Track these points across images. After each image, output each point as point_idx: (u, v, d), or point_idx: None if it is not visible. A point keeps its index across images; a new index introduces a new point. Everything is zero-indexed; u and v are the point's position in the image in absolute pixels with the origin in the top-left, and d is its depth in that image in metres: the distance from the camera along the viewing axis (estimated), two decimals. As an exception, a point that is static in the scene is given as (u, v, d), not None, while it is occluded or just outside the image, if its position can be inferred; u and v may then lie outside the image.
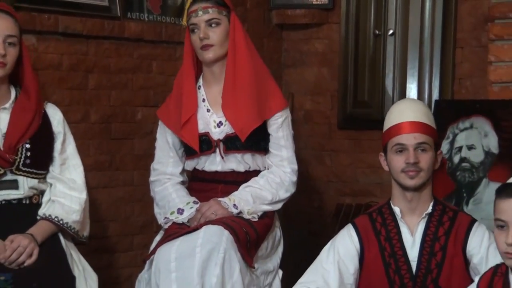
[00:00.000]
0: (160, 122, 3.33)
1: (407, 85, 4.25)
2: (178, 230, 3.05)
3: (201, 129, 3.20)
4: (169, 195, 3.23)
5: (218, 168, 3.21)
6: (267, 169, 3.24)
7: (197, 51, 3.19)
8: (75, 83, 3.66)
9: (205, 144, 3.19)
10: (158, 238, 3.18)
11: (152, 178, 3.32)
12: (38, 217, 2.93)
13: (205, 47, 3.15)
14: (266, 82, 3.25)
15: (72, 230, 2.96)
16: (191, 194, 3.24)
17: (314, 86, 4.55)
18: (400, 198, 2.78)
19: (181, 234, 2.99)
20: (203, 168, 3.23)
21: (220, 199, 3.13)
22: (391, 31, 4.27)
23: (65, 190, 2.98)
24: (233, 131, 3.17)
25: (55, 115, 3.03)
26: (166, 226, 3.16)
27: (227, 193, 3.16)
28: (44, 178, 2.98)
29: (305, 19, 4.51)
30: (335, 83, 4.48)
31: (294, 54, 4.61)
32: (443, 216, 2.76)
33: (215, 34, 3.16)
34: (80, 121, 3.64)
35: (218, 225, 2.97)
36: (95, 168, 3.68)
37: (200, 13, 3.15)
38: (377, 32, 4.30)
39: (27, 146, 2.90)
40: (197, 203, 3.16)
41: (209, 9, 3.16)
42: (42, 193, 2.99)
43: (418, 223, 2.76)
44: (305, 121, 4.56)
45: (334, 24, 4.47)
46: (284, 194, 3.22)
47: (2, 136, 2.89)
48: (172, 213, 3.16)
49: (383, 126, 2.82)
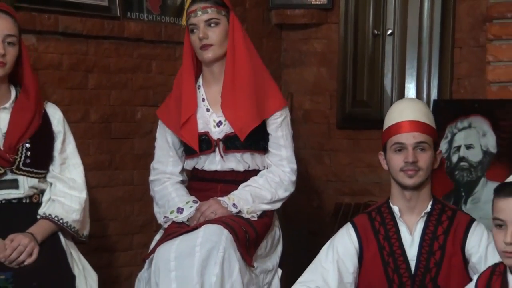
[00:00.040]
0: (160, 121, 3.32)
1: (406, 84, 4.25)
2: (177, 229, 3.05)
3: (200, 128, 3.20)
4: (169, 194, 3.23)
5: (218, 167, 3.21)
6: (267, 168, 3.24)
7: (196, 51, 3.19)
8: (75, 82, 3.66)
9: (204, 144, 3.19)
10: (157, 237, 3.19)
11: (151, 178, 3.32)
12: (38, 216, 2.93)
13: (205, 47, 3.15)
14: (265, 82, 3.25)
15: (72, 229, 2.96)
16: (191, 194, 3.24)
17: (313, 86, 4.55)
18: (399, 197, 2.78)
19: (180, 233, 2.99)
20: (203, 168, 3.23)
21: (219, 198, 3.13)
22: (389, 31, 4.27)
23: (65, 190, 2.98)
24: (233, 130, 3.17)
25: (55, 115, 3.03)
26: (166, 225, 3.16)
27: (226, 193, 3.16)
28: (44, 177, 2.98)
29: (304, 19, 4.51)
30: (334, 83, 4.47)
31: (293, 54, 4.60)
32: (442, 215, 2.76)
33: (214, 34, 3.16)
34: (80, 121, 3.63)
35: (218, 224, 2.97)
36: (95, 167, 3.68)
37: (199, 13, 3.15)
38: (376, 32, 4.30)
39: (27, 145, 2.90)
40: (197, 202, 3.16)
41: (208, 9, 3.16)
42: (42, 192, 2.98)
43: (417, 222, 2.76)
44: (304, 120, 4.55)
45: (333, 24, 4.47)
46: (283, 193, 3.22)
47: (2, 135, 2.89)
48: (171, 212, 3.16)
49: (383, 125, 2.82)
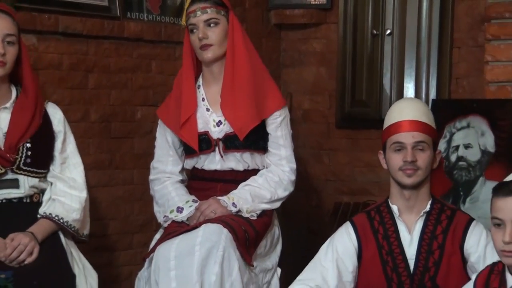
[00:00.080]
0: (160, 121, 3.32)
1: (405, 84, 4.25)
2: (177, 229, 3.05)
3: (200, 128, 3.20)
4: (169, 193, 3.23)
5: (217, 167, 3.21)
6: (266, 168, 3.24)
7: (196, 51, 3.20)
8: (75, 82, 3.66)
9: (204, 143, 3.19)
10: (157, 236, 3.19)
11: (151, 177, 3.32)
12: (38, 216, 2.93)
13: (204, 47, 3.15)
14: (265, 82, 3.25)
15: (72, 229, 2.96)
16: (191, 193, 3.24)
17: (313, 86, 4.55)
18: (398, 196, 2.78)
19: (180, 233, 3.00)
20: (203, 167, 3.24)
21: (219, 197, 3.13)
22: (388, 31, 4.27)
23: (66, 189, 2.98)
24: (232, 130, 3.17)
25: (56, 114, 3.03)
26: (166, 225, 3.16)
27: (226, 192, 3.16)
28: (45, 177, 2.98)
29: (303, 19, 4.52)
30: (333, 83, 4.47)
31: (292, 53, 4.61)
32: (441, 215, 2.76)
33: (214, 34, 3.16)
34: (80, 120, 3.64)
35: (217, 223, 2.97)
36: (95, 167, 3.68)
37: (198, 13, 3.16)
38: (375, 32, 4.30)
39: (28, 145, 2.90)
40: (197, 201, 3.16)
41: (208, 9, 3.16)
42: (43, 192, 2.99)
43: (416, 222, 2.76)
44: (304, 120, 4.55)
45: (332, 24, 4.47)
46: (283, 193, 3.22)
47: (3, 135, 2.90)
48: (171, 211, 3.16)
49: (383, 124, 2.82)
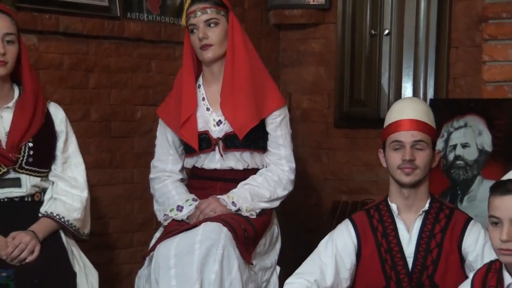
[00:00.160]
0: (160, 120, 3.33)
1: (403, 84, 4.26)
2: (177, 227, 3.06)
3: (200, 127, 3.21)
4: (169, 192, 3.24)
5: (217, 166, 3.22)
6: (266, 167, 3.25)
7: (196, 51, 3.20)
8: (76, 82, 3.67)
9: (204, 142, 3.20)
10: (157, 235, 3.19)
11: (152, 176, 3.33)
12: (40, 215, 2.94)
13: (204, 47, 3.16)
14: (264, 81, 3.25)
15: (73, 228, 2.97)
16: (190, 192, 3.25)
17: (311, 85, 4.56)
18: (397, 194, 2.78)
19: (180, 231, 3.00)
20: (202, 166, 3.24)
21: (219, 196, 3.14)
22: (386, 31, 4.28)
23: (67, 188, 2.98)
24: (232, 129, 3.18)
25: (58, 114, 3.03)
26: (166, 223, 3.17)
27: (225, 191, 3.17)
28: (47, 176, 2.98)
29: (302, 19, 4.52)
30: (332, 82, 4.48)
31: (291, 53, 4.61)
32: (439, 214, 2.77)
33: (214, 34, 3.16)
34: (80, 120, 3.64)
35: (217, 222, 2.98)
36: (95, 166, 3.68)
37: (198, 13, 3.16)
38: (373, 32, 4.31)
39: (30, 144, 2.90)
40: (196, 200, 3.17)
41: (208, 10, 3.17)
42: (44, 191, 2.99)
43: (414, 220, 2.77)
44: (303, 119, 4.56)
45: (331, 24, 4.48)
46: (282, 192, 3.23)
47: (6, 135, 2.90)
48: (171, 210, 3.17)
49: (384, 123, 2.83)
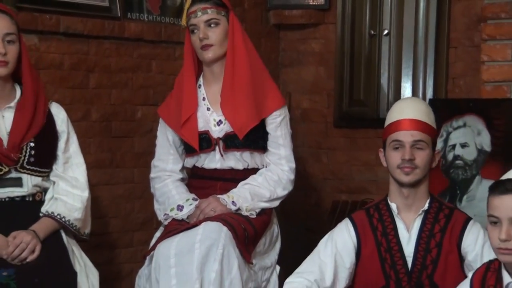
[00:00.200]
0: (161, 120, 3.33)
1: (402, 84, 4.26)
2: (177, 227, 3.06)
3: (201, 127, 3.21)
4: (169, 191, 3.24)
5: (217, 165, 3.22)
6: (266, 167, 3.25)
7: (197, 51, 3.21)
8: (76, 82, 3.67)
9: (205, 142, 3.20)
10: (158, 234, 3.20)
11: (152, 175, 3.33)
12: (40, 214, 2.94)
13: (205, 47, 3.16)
14: (265, 81, 3.26)
15: (74, 228, 2.97)
16: (191, 191, 3.25)
17: (311, 85, 4.56)
18: (396, 194, 2.79)
19: (180, 231, 3.00)
20: (203, 166, 3.25)
21: (219, 196, 3.14)
22: (386, 31, 4.28)
23: (68, 188, 2.98)
24: (232, 129, 3.18)
25: (59, 114, 3.03)
26: (166, 223, 3.17)
27: (226, 190, 3.17)
28: (48, 176, 2.98)
29: (302, 19, 4.52)
30: (332, 82, 4.48)
31: (291, 53, 4.61)
32: (439, 213, 2.77)
33: (214, 34, 3.17)
34: (81, 120, 3.65)
35: (217, 221, 2.98)
36: (96, 165, 3.68)
37: (199, 13, 3.17)
38: (373, 32, 4.31)
39: (32, 144, 2.91)
40: (197, 200, 3.17)
41: (208, 10, 3.17)
42: (45, 190, 2.99)
43: (414, 220, 2.77)
44: (302, 119, 4.56)
45: (330, 24, 4.48)
46: (282, 192, 3.23)
47: (8, 134, 2.90)
48: (171, 209, 3.18)
49: (385, 123, 2.83)
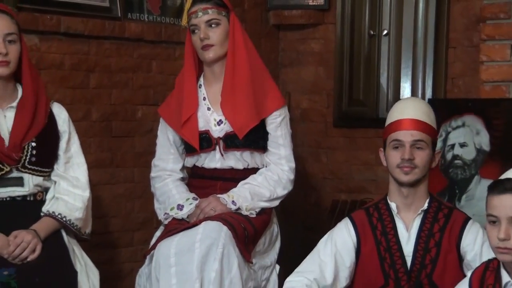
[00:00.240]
0: (162, 119, 3.34)
1: (401, 84, 4.26)
2: (177, 226, 3.07)
3: (201, 127, 3.21)
4: (169, 191, 3.25)
5: (218, 165, 3.23)
6: (265, 167, 3.26)
7: (198, 51, 3.21)
8: (77, 82, 3.68)
9: (205, 142, 3.21)
10: (158, 233, 3.20)
11: (153, 174, 3.34)
12: (41, 214, 2.94)
13: (206, 47, 3.17)
14: (265, 81, 3.26)
15: (75, 227, 2.98)
16: (191, 191, 3.26)
17: (311, 85, 4.57)
18: (396, 193, 2.79)
19: (180, 230, 3.01)
20: (203, 165, 3.25)
21: (219, 195, 3.15)
22: (385, 32, 4.29)
23: (69, 188, 2.99)
24: (233, 129, 3.18)
25: (61, 114, 3.04)
26: (166, 222, 3.18)
27: (226, 190, 3.18)
28: (49, 175, 2.99)
29: (301, 19, 4.54)
30: (331, 82, 4.49)
31: (291, 54, 4.62)
32: (438, 213, 2.78)
33: (215, 34, 3.17)
34: (81, 119, 3.65)
35: (217, 221, 2.99)
36: (96, 165, 3.70)
37: (200, 14, 3.17)
38: (372, 33, 4.32)
39: (33, 144, 2.91)
40: (197, 199, 3.18)
41: (209, 10, 3.17)
42: (46, 190, 3.00)
43: (413, 219, 2.78)
44: (302, 119, 4.57)
45: (330, 24, 4.49)
46: (282, 191, 3.24)
47: (10, 134, 2.90)
48: (172, 209, 3.18)
49: (383, 122, 2.84)
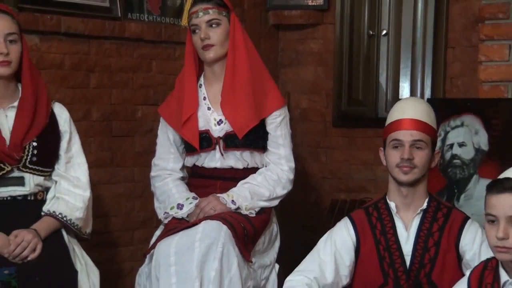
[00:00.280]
0: (162, 119, 3.34)
1: (400, 84, 4.27)
2: (177, 225, 3.07)
3: (201, 126, 3.22)
4: (169, 190, 3.25)
5: (217, 164, 3.23)
6: (265, 166, 3.26)
7: (198, 51, 3.22)
8: (77, 82, 3.69)
9: (205, 141, 3.21)
10: (158, 232, 3.21)
11: (153, 173, 3.34)
12: (42, 213, 2.95)
13: (206, 47, 3.18)
14: (265, 81, 3.27)
15: (75, 227, 2.98)
16: (191, 190, 3.26)
17: (310, 85, 4.58)
18: (395, 193, 2.80)
19: (180, 229, 3.01)
20: (203, 165, 3.26)
21: (218, 195, 3.15)
22: (384, 32, 4.30)
23: (70, 188, 2.99)
24: (233, 129, 3.19)
25: (62, 115, 3.04)
26: (166, 221, 3.19)
27: (225, 189, 3.18)
28: (50, 175, 2.99)
29: (301, 19, 4.55)
30: (330, 82, 4.49)
31: (290, 54, 4.63)
32: (437, 213, 2.78)
33: (215, 34, 3.18)
34: (82, 119, 3.66)
35: (217, 220, 2.99)
36: (96, 164, 3.70)
37: (200, 14, 3.18)
38: (371, 33, 4.33)
39: (34, 144, 2.91)
40: (196, 198, 3.18)
41: (210, 10, 3.18)
42: (47, 190, 3.00)
43: (412, 219, 2.78)
44: (301, 119, 4.57)
45: (329, 24, 4.50)
46: (281, 191, 3.25)
47: (11, 134, 2.90)
48: (172, 208, 3.19)
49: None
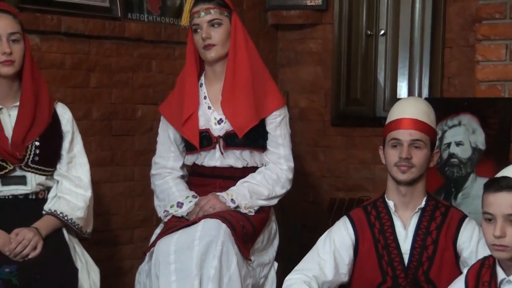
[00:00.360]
0: (162, 117, 3.35)
1: (398, 83, 4.27)
2: (177, 223, 3.09)
3: (202, 125, 3.23)
4: (169, 188, 3.27)
5: (217, 163, 3.25)
6: (265, 165, 3.27)
7: (199, 50, 3.23)
8: (78, 81, 3.70)
9: (205, 140, 3.23)
10: (158, 231, 3.22)
11: (153, 172, 3.35)
12: (43, 212, 2.96)
13: (208, 47, 3.19)
14: (265, 81, 3.28)
15: (76, 226, 3.00)
16: (190, 188, 3.27)
17: (309, 85, 4.58)
18: (394, 192, 2.82)
19: (180, 227, 3.03)
20: (203, 163, 3.27)
21: (218, 193, 3.17)
22: (382, 32, 4.30)
23: (71, 187, 3.01)
24: (233, 128, 3.20)
25: (65, 115, 3.06)
26: (166, 219, 3.20)
27: (225, 188, 3.19)
28: (52, 175, 3.01)
29: (299, 19, 4.55)
30: (329, 82, 4.50)
31: (289, 53, 4.63)
32: (435, 211, 2.80)
33: (217, 34, 3.19)
34: (82, 118, 3.66)
35: (216, 218, 3.01)
36: (96, 163, 3.70)
37: (202, 14, 3.19)
38: (369, 33, 4.33)
39: (37, 143, 2.93)
40: (196, 197, 3.20)
41: (211, 10, 3.20)
42: (49, 189, 3.02)
43: (411, 217, 2.80)
44: (300, 118, 4.58)
45: (328, 24, 4.50)
46: (280, 190, 3.26)
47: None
48: (171, 206, 3.20)
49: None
